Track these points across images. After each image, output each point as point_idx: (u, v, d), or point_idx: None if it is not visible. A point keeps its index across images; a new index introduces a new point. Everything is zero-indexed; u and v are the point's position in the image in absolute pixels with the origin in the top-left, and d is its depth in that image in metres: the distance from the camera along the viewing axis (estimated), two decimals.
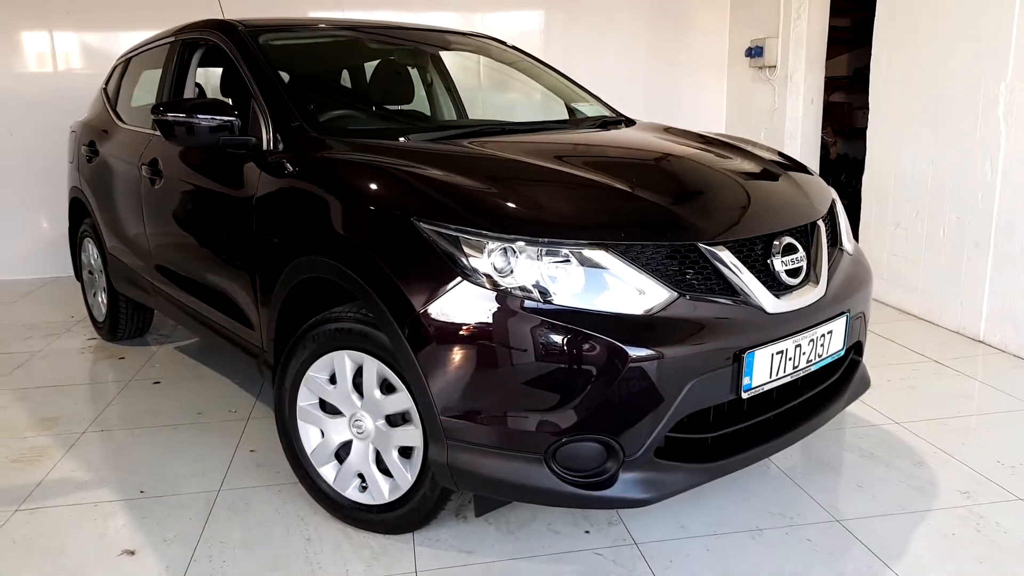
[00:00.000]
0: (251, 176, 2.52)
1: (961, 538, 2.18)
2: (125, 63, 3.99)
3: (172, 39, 3.39)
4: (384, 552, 2.17)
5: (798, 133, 5.69)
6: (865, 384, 2.49)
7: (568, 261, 1.85)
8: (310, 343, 2.24)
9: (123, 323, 4.09)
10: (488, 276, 1.85)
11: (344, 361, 2.18)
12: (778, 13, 5.68)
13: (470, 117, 3.87)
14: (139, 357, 3.96)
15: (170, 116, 2.51)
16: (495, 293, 1.83)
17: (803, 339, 2.06)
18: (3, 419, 3.20)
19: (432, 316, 1.88)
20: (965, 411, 3.05)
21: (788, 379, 2.06)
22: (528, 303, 1.82)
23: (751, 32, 6.06)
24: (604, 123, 3.07)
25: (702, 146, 2.65)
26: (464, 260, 1.87)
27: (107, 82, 4.17)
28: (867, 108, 8.12)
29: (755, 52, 5.91)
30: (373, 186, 2.12)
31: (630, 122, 3.14)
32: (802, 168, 2.62)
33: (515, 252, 1.85)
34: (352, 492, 2.27)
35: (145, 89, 3.95)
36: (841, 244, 2.40)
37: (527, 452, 1.86)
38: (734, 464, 2.01)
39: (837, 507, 2.35)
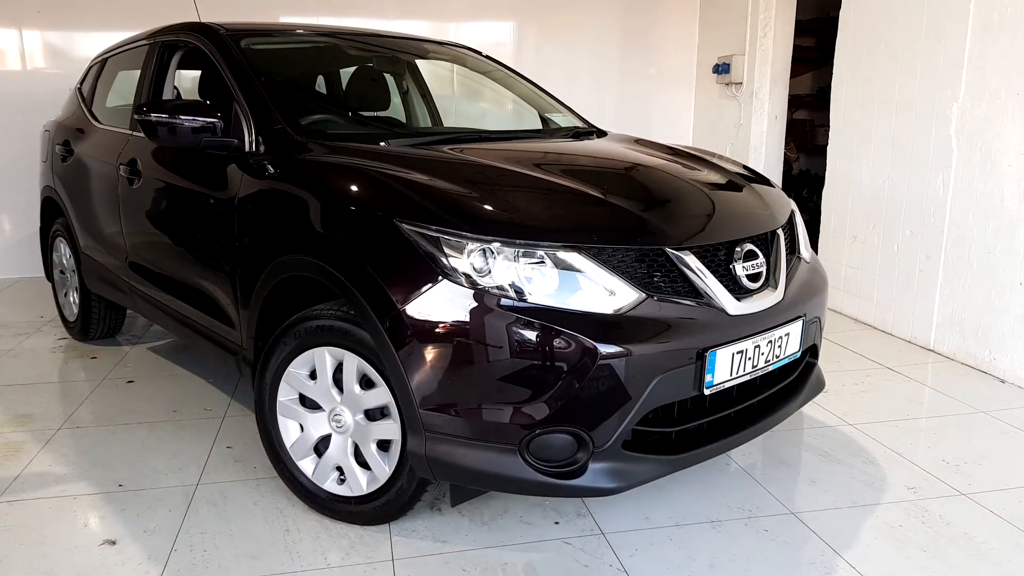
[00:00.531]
0: (233, 177, 2.58)
1: (907, 529, 2.32)
2: (101, 63, 4.03)
3: (151, 41, 3.44)
4: (362, 542, 2.24)
5: (762, 148, 5.88)
6: (820, 385, 2.63)
7: (543, 262, 1.95)
8: (291, 340, 2.31)
9: (95, 323, 4.10)
10: (467, 275, 1.94)
11: (325, 357, 2.26)
12: (744, 31, 5.87)
13: (445, 125, 3.96)
14: (111, 357, 3.98)
15: (153, 116, 2.57)
16: (473, 292, 1.93)
17: (762, 340, 2.19)
18: None
19: (412, 313, 1.97)
20: (915, 414, 3.21)
21: (748, 378, 2.19)
22: (505, 301, 1.92)
23: (719, 49, 6.25)
24: (576, 133, 3.19)
25: (670, 157, 2.78)
26: (444, 260, 1.96)
27: (82, 82, 4.19)
28: (829, 126, 8.39)
29: (722, 69, 6.10)
30: (357, 188, 2.20)
31: (601, 133, 3.27)
32: (764, 180, 2.76)
33: (493, 253, 1.95)
34: (330, 484, 2.34)
35: (121, 90, 3.99)
36: (799, 252, 2.54)
37: (502, 443, 1.95)
38: (696, 457, 2.13)
39: (792, 501, 2.48)
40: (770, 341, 2.22)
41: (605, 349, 1.89)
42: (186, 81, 3.92)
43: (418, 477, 2.16)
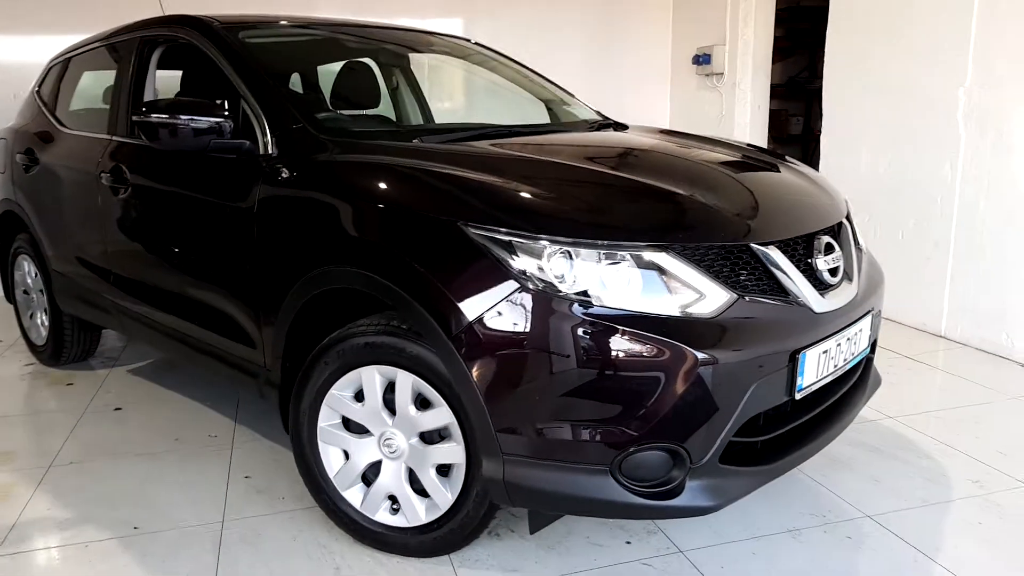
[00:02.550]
0: (248, 183, 2.35)
1: (988, 526, 2.24)
2: (64, 64, 3.70)
3: (126, 37, 3.15)
4: None
5: (746, 138, 5.82)
6: (878, 381, 2.53)
7: (628, 264, 1.78)
8: (333, 359, 2.09)
9: (68, 346, 3.77)
10: (546, 282, 1.77)
11: (374, 377, 2.05)
12: (724, 21, 5.81)
13: (453, 121, 3.76)
14: (89, 382, 3.67)
15: (154, 117, 2.32)
16: (554, 299, 1.75)
17: (842, 337, 2.07)
18: None
19: (486, 325, 1.79)
20: (950, 404, 3.15)
21: (830, 378, 2.06)
22: (589, 308, 1.75)
23: (696, 40, 6.18)
24: (601, 126, 3.03)
25: (719, 149, 2.64)
26: (519, 266, 1.78)
27: (40, 85, 3.85)
28: (801, 116, 8.41)
29: (703, 59, 6.02)
30: (409, 191, 2.00)
31: (621, 125, 3.11)
32: (812, 170, 2.65)
33: (574, 256, 1.78)
34: (383, 515, 2.14)
35: (88, 92, 3.67)
36: (859, 243, 2.43)
37: (591, 464, 1.78)
38: (787, 465, 2.00)
39: (863, 503, 2.37)
40: (848, 338, 2.10)
41: (704, 356, 1.73)
42: (161, 81, 3.62)
43: (486, 503, 1.98)
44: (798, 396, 1.94)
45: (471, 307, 1.80)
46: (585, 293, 1.76)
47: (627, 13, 6.44)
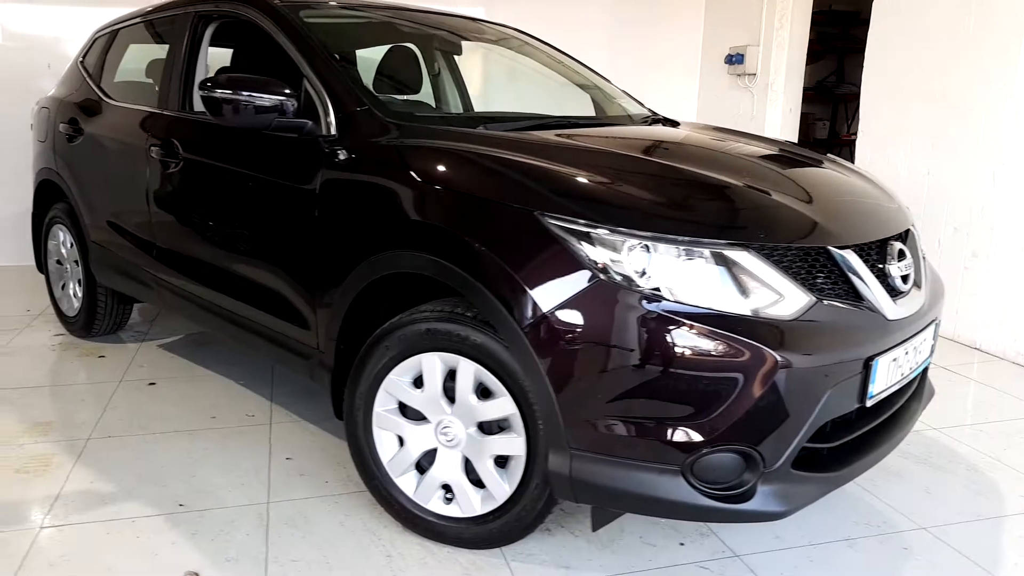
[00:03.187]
0: (309, 164, 2.32)
1: None
2: (111, 35, 3.66)
3: (180, 11, 3.12)
4: (476, 568, 2.03)
5: None
6: (932, 392, 2.50)
7: (708, 262, 1.76)
8: (395, 344, 2.07)
9: (100, 318, 3.75)
10: (624, 276, 1.74)
11: (435, 364, 2.03)
12: (759, 22, 5.76)
13: (503, 110, 3.70)
14: (120, 355, 3.65)
15: (219, 93, 2.29)
16: (631, 294, 1.72)
17: (910, 346, 2.04)
18: None
19: (560, 317, 1.76)
20: (992, 417, 3.12)
21: (896, 387, 2.04)
22: (668, 305, 1.72)
23: (727, 39, 6.13)
24: (654, 120, 3.00)
25: (784, 149, 2.61)
26: (597, 258, 1.75)
27: (84, 55, 3.82)
28: (827, 120, 8.36)
29: (736, 59, 5.98)
30: (486, 179, 1.96)
31: (672, 121, 3.08)
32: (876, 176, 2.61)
33: (653, 251, 1.75)
34: (436, 504, 2.12)
35: (134, 65, 3.64)
36: (922, 251, 2.40)
37: (663, 463, 1.75)
38: (853, 472, 1.97)
39: (917, 515, 2.34)
40: (915, 347, 2.08)
41: (783, 358, 1.70)
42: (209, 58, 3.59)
43: (545, 497, 1.95)
44: (868, 404, 1.91)
45: (545, 298, 1.77)
46: (664, 289, 1.73)
47: (656, 6, 6.36)
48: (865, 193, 2.28)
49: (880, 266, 2.01)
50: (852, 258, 1.90)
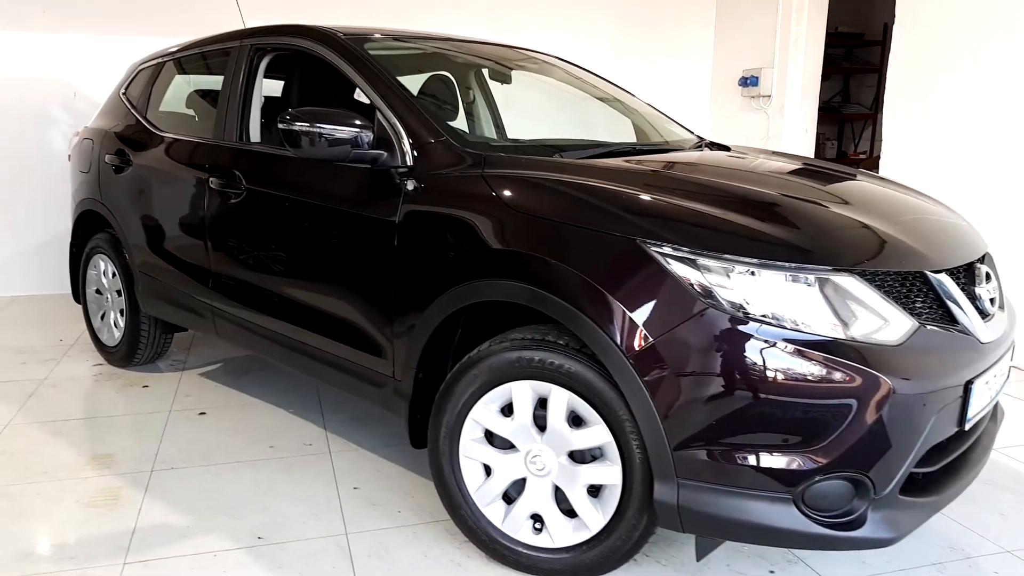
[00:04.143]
0: (385, 194, 2.33)
1: None
2: (156, 67, 3.68)
3: (235, 43, 3.14)
4: None
5: None
6: (1003, 413, 2.53)
7: (814, 287, 1.78)
8: (483, 372, 2.08)
9: (142, 348, 3.73)
10: (732, 302, 1.76)
11: (526, 392, 2.04)
12: (774, 44, 5.84)
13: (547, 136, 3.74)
14: (163, 385, 3.63)
15: (297, 126, 2.31)
16: (739, 320, 1.74)
17: (998, 369, 2.07)
18: (49, 455, 2.85)
19: (667, 345, 1.78)
20: None
21: (987, 410, 2.06)
22: (776, 331, 1.74)
23: (739, 60, 6.20)
24: (708, 145, 3.03)
25: (850, 172, 2.65)
26: (706, 286, 1.77)
27: (126, 87, 3.83)
28: (834, 140, 8.45)
29: (751, 81, 6.05)
30: (582, 207, 1.98)
31: (723, 146, 3.11)
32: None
33: (760, 277, 1.77)
34: (525, 534, 2.12)
35: (179, 97, 3.66)
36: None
37: (775, 491, 1.76)
38: (950, 496, 1.99)
39: (999, 538, 2.36)
40: (1000, 369, 2.10)
41: (894, 384, 1.72)
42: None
43: (642, 526, 1.96)
44: (967, 427, 1.93)
45: (651, 325, 1.79)
46: (772, 315, 1.75)
47: (666, 28, 6.43)
48: (949, 218, 2.32)
49: (970, 288, 2.04)
50: (948, 282, 1.93)
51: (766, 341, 1.73)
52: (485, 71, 3.42)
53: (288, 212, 2.67)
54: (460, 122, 3.16)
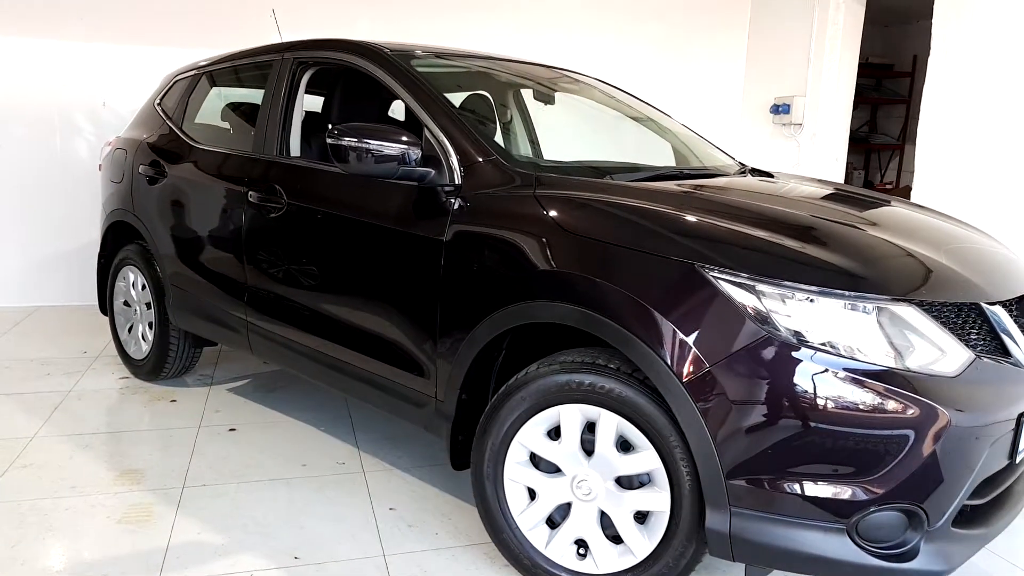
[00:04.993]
0: (436, 213, 2.31)
1: None
2: (193, 79, 3.69)
3: (276, 56, 3.14)
4: None
5: None
6: None
7: (873, 317, 1.74)
8: (530, 395, 2.05)
9: (171, 362, 3.71)
10: (790, 330, 1.73)
11: (574, 416, 2.00)
12: (806, 72, 5.84)
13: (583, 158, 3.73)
14: (192, 400, 3.61)
15: (346, 141, 2.30)
16: (797, 348, 1.71)
17: None
18: (77, 470, 2.82)
19: (724, 371, 1.74)
20: None
21: None
22: (834, 360, 1.71)
23: (770, 88, 6.20)
24: (752, 171, 3.01)
25: (897, 201, 2.62)
26: (763, 312, 1.74)
27: (161, 98, 3.85)
28: (862, 169, 8.43)
29: (782, 109, 6.04)
30: (639, 230, 1.95)
31: (766, 172, 3.08)
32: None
33: (818, 305, 1.74)
34: (569, 560, 2.07)
35: (214, 109, 3.68)
36: None
37: (828, 522, 1.72)
38: (999, 528, 1.94)
39: None
40: None
41: (950, 415, 1.69)
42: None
43: (689, 553, 1.92)
44: (1017, 460, 1.89)
45: (708, 351, 1.76)
46: (830, 344, 1.72)
47: (698, 55, 6.45)
48: (997, 249, 2.29)
49: (1021, 321, 2.00)
50: (1002, 314, 1.89)
51: (824, 369, 1.70)
52: (527, 90, 3.41)
53: (330, 228, 2.65)
54: (499, 141, 3.16)
